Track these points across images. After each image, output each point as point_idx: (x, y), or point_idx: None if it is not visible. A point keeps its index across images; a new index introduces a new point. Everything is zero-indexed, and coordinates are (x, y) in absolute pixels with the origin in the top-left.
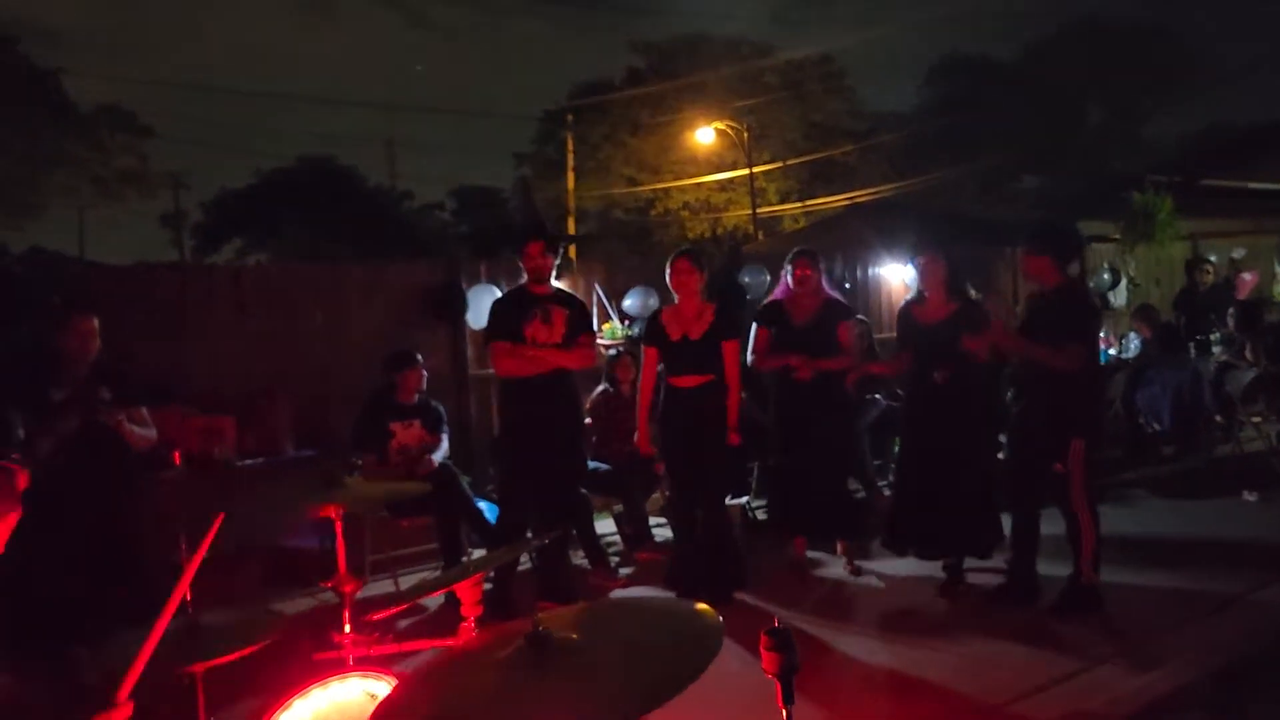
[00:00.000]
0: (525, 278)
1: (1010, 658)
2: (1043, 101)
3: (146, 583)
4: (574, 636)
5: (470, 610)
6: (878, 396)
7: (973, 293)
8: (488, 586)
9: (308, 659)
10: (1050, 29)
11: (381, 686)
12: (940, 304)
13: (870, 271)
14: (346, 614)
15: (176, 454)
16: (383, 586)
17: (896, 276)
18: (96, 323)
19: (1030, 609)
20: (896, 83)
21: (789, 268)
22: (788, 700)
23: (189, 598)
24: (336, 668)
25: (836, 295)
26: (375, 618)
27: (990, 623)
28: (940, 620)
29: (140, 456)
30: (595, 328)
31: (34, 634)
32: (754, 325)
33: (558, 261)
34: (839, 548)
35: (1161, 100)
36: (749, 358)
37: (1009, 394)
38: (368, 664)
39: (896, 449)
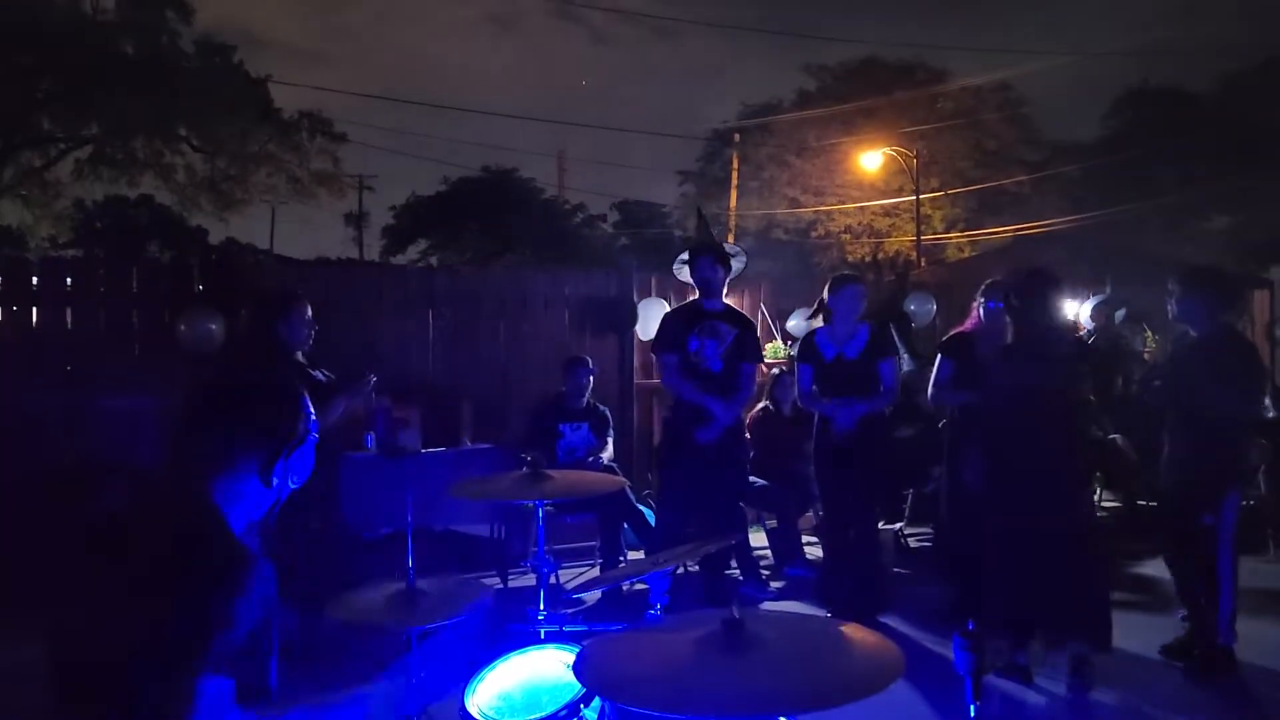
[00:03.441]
0: (697, 293)
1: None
2: (1237, 136)
3: (335, 555)
4: (767, 631)
5: (659, 597)
6: None
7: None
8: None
9: (501, 629)
10: (1247, 60)
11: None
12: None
13: None
14: (542, 592)
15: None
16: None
17: (1069, 311)
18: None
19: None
20: (1080, 111)
21: (981, 300)
22: (976, 696)
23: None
24: (530, 639)
25: None
26: (574, 594)
27: (1125, 678)
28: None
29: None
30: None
31: None
32: (938, 356)
33: (729, 278)
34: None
35: None
36: (930, 390)
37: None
38: (558, 638)
39: None
